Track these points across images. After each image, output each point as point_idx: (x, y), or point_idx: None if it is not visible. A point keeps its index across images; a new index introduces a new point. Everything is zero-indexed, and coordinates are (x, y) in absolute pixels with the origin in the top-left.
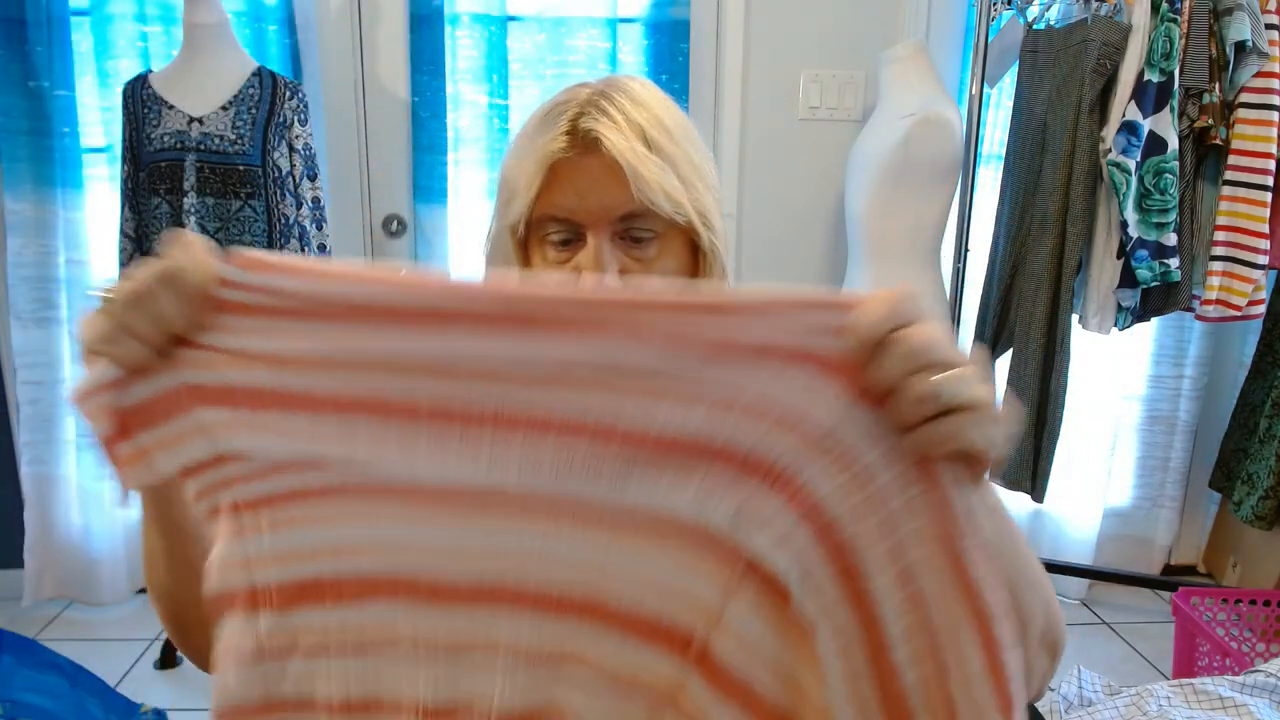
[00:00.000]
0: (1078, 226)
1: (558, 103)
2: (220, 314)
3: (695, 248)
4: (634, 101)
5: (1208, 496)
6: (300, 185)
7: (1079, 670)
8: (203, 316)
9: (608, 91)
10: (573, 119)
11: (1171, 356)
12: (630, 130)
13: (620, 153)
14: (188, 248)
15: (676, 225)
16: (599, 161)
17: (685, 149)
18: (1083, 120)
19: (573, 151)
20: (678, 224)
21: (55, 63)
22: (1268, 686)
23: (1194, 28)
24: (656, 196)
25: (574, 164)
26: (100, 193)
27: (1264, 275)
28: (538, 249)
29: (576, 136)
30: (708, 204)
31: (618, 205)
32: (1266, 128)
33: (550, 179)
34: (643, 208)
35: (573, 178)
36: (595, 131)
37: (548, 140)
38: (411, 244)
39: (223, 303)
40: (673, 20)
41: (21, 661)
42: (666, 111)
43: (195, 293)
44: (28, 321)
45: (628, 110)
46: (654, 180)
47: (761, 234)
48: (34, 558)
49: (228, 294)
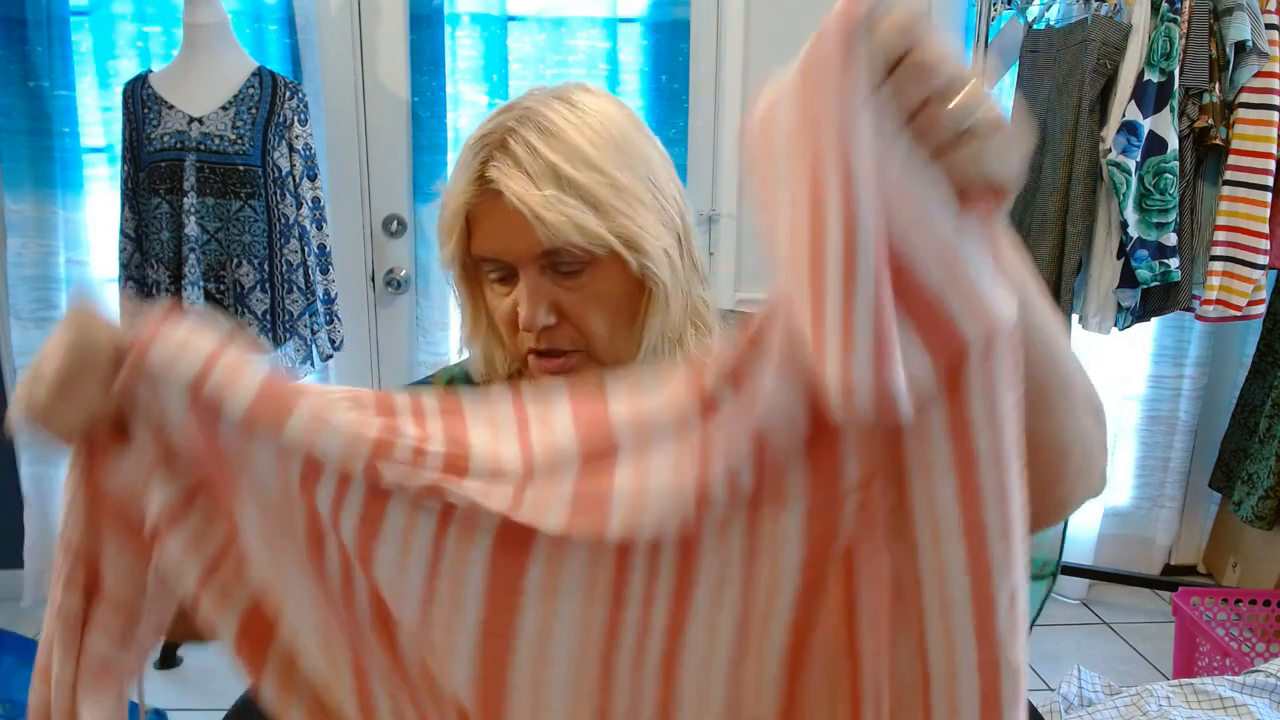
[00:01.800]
0: (1078, 226)
1: (479, 136)
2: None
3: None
4: (546, 134)
5: (1208, 496)
6: (300, 185)
7: (1079, 670)
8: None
9: (518, 129)
10: (481, 164)
11: (1171, 356)
12: (536, 169)
13: (520, 200)
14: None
15: (603, 251)
16: (506, 206)
17: (610, 174)
18: (1083, 120)
19: (483, 199)
20: (602, 250)
21: (55, 63)
22: (1268, 686)
23: (1194, 28)
24: (567, 235)
25: (487, 209)
26: (100, 193)
27: (1264, 275)
28: (485, 280)
29: (484, 184)
30: (637, 225)
31: (533, 246)
32: (1266, 128)
33: (471, 223)
34: (557, 245)
35: (488, 222)
36: (497, 183)
37: (460, 188)
38: (411, 244)
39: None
40: (673, 20)
41: (22, 661)
42: (594, 133)
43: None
44: (28, 321)
45: (537, 147)
46: (559, 221)
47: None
48: (34, 558)
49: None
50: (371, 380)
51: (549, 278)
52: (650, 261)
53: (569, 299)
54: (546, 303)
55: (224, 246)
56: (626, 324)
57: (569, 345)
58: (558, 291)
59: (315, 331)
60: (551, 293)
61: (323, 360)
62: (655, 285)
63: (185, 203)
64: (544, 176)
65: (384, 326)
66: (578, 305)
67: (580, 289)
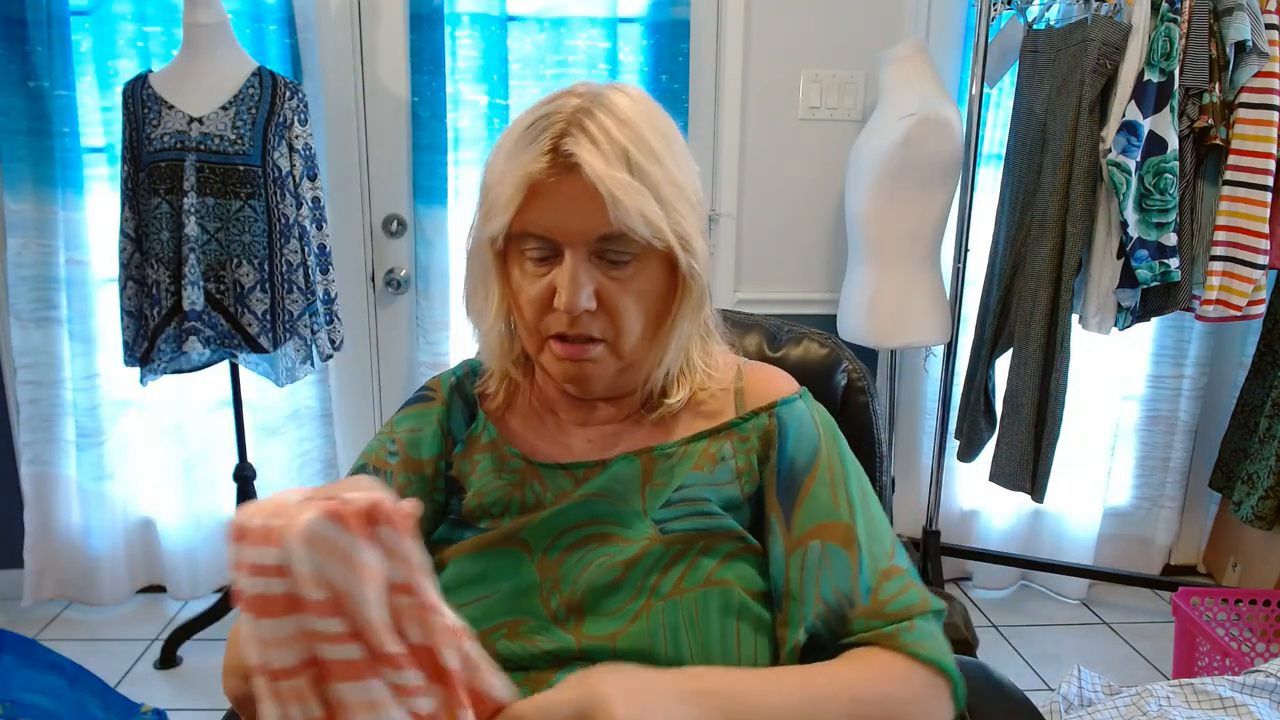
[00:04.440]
0: (1078, 226)
1: (542, 115)
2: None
3: (673, 266)
4: (618, 120)
5: (1208, 496)
6: (300, 185)
7: (1079, 670)
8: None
9: (592, 109)
10: (555, 137)
11: (1171, 356)
12: (612, 152)
13: (599, 178)
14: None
15: (652, 248)
16: (578, 183)
17: (669, 169)
18: (1083, 120)
19: (553, 172)
20: (652, 247)
21: (55, 63)
22: (1268, 686)
23: (1194, 28)
24: (634, 222)
25: (554, 184)
26: (100, 193)
27: (1264, 275)
28: (516, 261)
29: (558, 157)
30: (688, 226)
31: (595, 228)
32: (1266, 128)
33: (530, 196)
34: (620, 231)
35: (552, 197)
36: (575, 156)
37: (529, 159)
38: (411, 244)
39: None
40: (673, 20)
41: (21, 661)
42: (652, 128)
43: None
44: (28, 321)
45: (611, 130)
46: (632, 206)
47: (762, 234)
48: (34, 558)
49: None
50: (371, 380)
51: (595, 264)
52: (696, 263)
53: (611, 288)
54: (591, 287)
55: (224, 246)
56: (654, 324)
57: (599, 334)
58: (601, 279)
59: (315, 331)
60: (596, 279)
61: (323, 360)
62: (695, 286)
63: (185, 203)
64: (619, 160)
65: (384, 326)
66: (618, 296)
67: (623, 280)
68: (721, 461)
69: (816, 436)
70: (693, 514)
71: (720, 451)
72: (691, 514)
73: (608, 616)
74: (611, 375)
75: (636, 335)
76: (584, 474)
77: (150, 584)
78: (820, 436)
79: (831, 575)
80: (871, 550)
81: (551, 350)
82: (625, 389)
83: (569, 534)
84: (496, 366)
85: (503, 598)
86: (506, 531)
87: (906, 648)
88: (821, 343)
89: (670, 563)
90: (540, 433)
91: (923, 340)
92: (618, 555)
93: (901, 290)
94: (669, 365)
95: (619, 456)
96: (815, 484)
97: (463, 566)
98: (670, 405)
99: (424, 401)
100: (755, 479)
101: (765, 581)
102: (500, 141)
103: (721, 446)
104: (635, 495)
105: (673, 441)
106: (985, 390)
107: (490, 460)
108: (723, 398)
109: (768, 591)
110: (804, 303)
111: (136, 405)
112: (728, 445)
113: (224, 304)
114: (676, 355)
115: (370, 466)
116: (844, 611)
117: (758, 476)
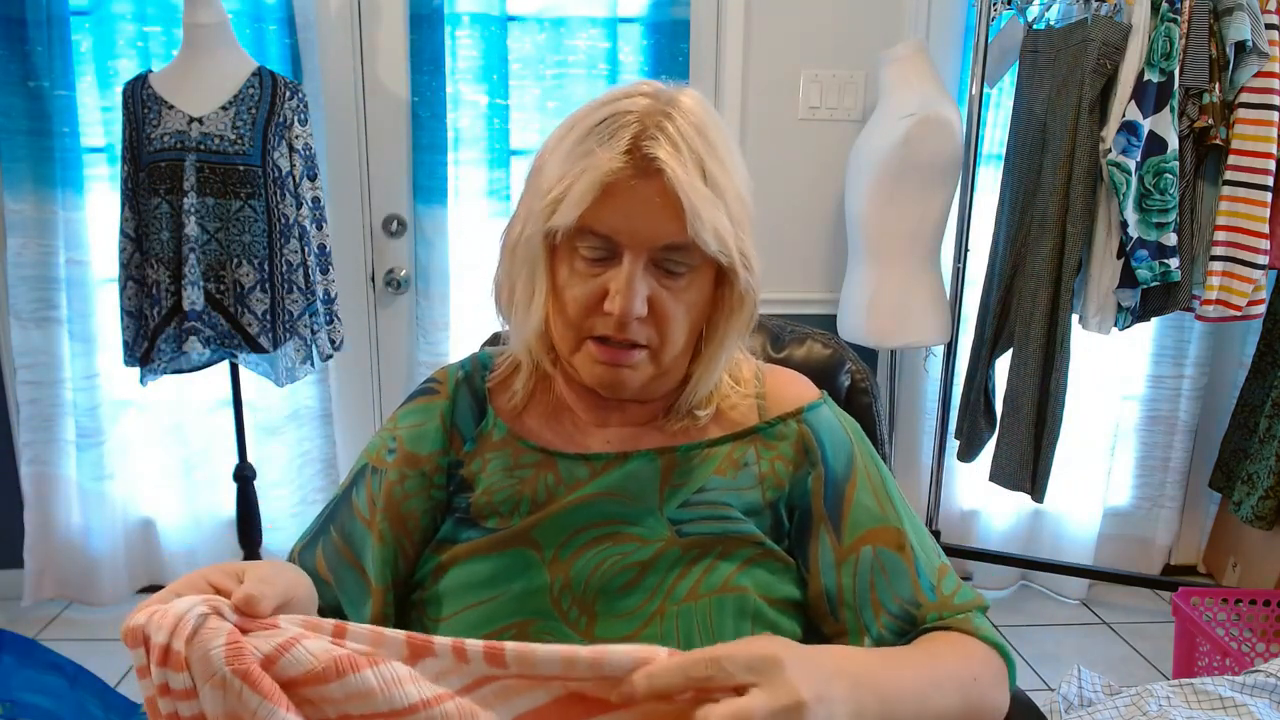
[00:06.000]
0: (1078, 226)
1: (616, 111)
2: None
3: (718, 281)
4: (694, 127)
5: (1208, 496)
6: (300, 185)
7: (1079, 670)
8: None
9: (670, 111)
10: (634, 137)
11: (1171, 356)
12: (690, 160)
13: (681, 186)
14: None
15: (709, 260)
16: (655, 187)
17: (735, 184)
18: (1083, 120)
19: (631, 173)
20: (709, 259)
21: (55, 63)
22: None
23: (1194, 28)
24: (708, 235)
25: (628, 185)
26: (100, 193)
27: (1264, 275)
28: (565, 257)
29: (636, 157)
30: (750, 243)
31: (664, 235)
32: (1266, 128)
33: (600, 193)
34: (689, 241)
35: (625, 198)
36: (659, 160)
37: (607, 157)
38: (411, 244)
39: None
40: (673, 20)
41: (21, 661)
42: (721, 139)
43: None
44: (28, 321)
45: (689, 137)
46: (709, 219)
47: (761, 234)
48: (34, 558)
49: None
50: (371, 380)
51: (650, 271)
52: (754, 282)
53: (663, 297)
54: (645, 294)
55: (224, 246)
56: (694, 337)
57: (644, 340)
58: (656, 287)
59: (315, 331)
60: (650, 286)
61: (323, 360)
62: (749, 304)
63: (185, 203)
64: (695, 169)
65: (384, 326)
66: (670, 305)
67: (676, 291)
68: (744, 467)
69: (849, 442)
70: (712, 517)
71: (744, 457)
72: (711, 517)
73: (621, 618)
74: (645, 381)
75: (679, 346)
76: (603, 466)
77: (150, 584)
78: (852, 442)
79: (889, 583)
80: (925, 549)
81: (589, 352)
82: (652, 395)
83: (581, 534)
84: (528, 360)
85: (512, 598)
86: (516, 531)
87: (979, 631)
88: (825, 343)
89: (687, 566)
90: (557, 430)
91: (923, 340)
92: (632, 555)
93: (901, 290)
94: (713, 382)
95: (640, 452)
96: (858, 490)
97: (471, 568)
98: (699, 418)
99: (429, 395)
100: (779, 485)
101: (785, 588)
102: (559, 135)
103: (745, 452)
104: (652, 493)
105: (696, 443)
106: (985, 390)
107: (501, 458)
108: (744, 403)
109: (787, 599)
110: (804, 303)
111: (136, 405)
112: (751, 450)
113: (224, 304)
114: (720, 373)
115: (370, 466)
116: (913, 614)
117: (783, 483)
